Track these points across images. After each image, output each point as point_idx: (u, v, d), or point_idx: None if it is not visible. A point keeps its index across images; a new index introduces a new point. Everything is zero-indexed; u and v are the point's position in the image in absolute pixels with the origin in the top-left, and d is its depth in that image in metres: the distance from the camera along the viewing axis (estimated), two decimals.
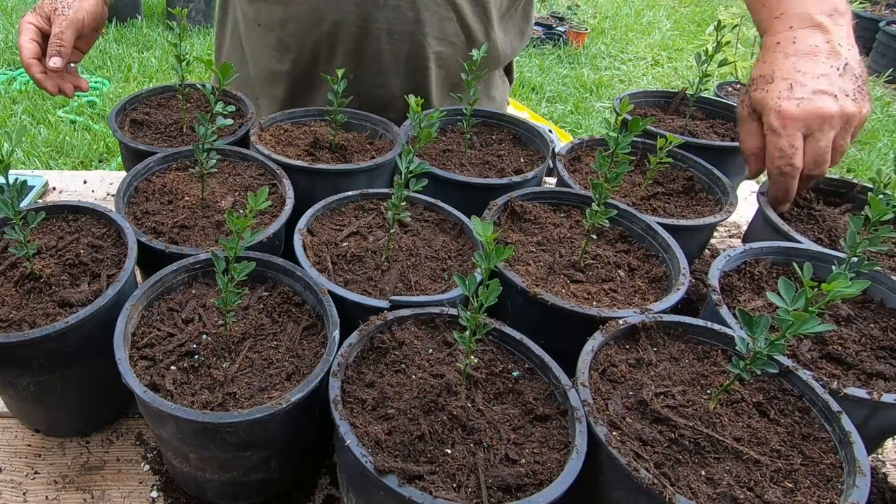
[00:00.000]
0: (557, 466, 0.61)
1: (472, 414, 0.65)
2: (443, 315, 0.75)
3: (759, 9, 0.93)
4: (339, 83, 1.01)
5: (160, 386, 0.67)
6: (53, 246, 0.83)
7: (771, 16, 0.90)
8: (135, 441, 0.85)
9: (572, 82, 4.87)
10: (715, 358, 0.73)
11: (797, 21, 0.87)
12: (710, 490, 0.59)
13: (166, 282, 0.78)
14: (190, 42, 4.86)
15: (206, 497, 0.77)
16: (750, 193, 1.41)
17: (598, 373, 0.70)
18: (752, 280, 0.86)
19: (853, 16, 0.90)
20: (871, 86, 5.00)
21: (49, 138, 3.55)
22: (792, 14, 0.88)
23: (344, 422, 0.61)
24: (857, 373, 0.75)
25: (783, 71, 0.86)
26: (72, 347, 0.73)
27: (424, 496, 0.56)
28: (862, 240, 0.75)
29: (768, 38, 0.90)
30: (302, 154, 1.04)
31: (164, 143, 1.07)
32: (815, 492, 0.60)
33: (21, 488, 0.79)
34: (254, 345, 0.74)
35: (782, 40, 0.88)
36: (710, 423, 0.65)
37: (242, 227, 0.68)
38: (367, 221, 0.93)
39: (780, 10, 0.89)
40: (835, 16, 0.87)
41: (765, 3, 0.92)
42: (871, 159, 4.00)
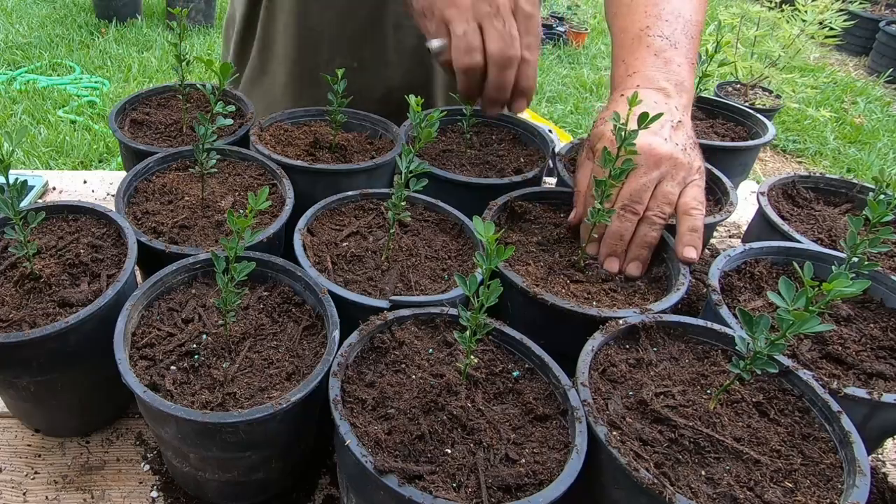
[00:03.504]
0: (557, 466, 0.61)
1: (472, 414, 0.65)
2: (443, 315, 0.75)
3: (619, 64, 0.98)
4: (339, 83, 1.01)
5: (160, 386, 0.67)
6: (53, 246, 0.83)
7: (625, 73, 0.94)
8: (135, 441, 0.85)
9: (572, 82, 4.88)
10: (715, 358, 0.73)
11: (645, 82, 0.91)
12: (710, 490, 0.59)
13: (166, 282, 0.78)
14: (190, 42, 4.86)
15: (206, 497, 0.77)
16: (750, 193, 1.41)
17: (598, 373, 0.70)
18: (752, 280, 0.86)
19: (852, 16, 0.90)
20: (872, 86, 5.00)
21: (49, 138, 3.55)
22: (643, 75, 0.92)
23: (344, 422, 0.61)
24: (858, 373, 0.75)
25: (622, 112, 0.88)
26: (72, 347, 0.73)
27: (424, 496, 0.56)
28: (862, 240, 0.75)
29: (616, 92, 0.94)
30: (302, 154, 1.04)
31: (164, 143, 1.06)
32: (815, 492, 0.60)
33: (21, 488, 0.79)
34: (254, 345, 0.74)
35: (626, 93, 0.90)
36: (710, 422, 0.65)
37: (243, 227, 0.68)
38: (367, 221, 0.93)
39: (634, 69, 0.94)
40: (679, 87, 0.91)
41: (624, 60, 0.96)
42: (872, 159, 4.00)
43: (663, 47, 0.94)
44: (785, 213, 1.00)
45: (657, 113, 0.83)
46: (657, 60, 0.93)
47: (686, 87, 0.93)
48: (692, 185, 0.87)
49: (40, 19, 5.11)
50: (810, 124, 4.35)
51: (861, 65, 5.56)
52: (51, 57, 4.52)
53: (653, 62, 0.93)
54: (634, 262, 0.86)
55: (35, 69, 4.38)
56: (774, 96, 3.89)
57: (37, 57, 4.53)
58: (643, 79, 0.91)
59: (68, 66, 4.44)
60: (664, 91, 0.90)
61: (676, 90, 0.91)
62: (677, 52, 0.94)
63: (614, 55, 1.00)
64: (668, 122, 0.86)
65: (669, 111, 0.88)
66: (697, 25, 0.99)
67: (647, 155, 0.84)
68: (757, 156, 1.21)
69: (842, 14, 3.61)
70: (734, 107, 1.26)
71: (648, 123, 0.78)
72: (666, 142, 0.85)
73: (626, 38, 0.98)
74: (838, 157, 4.10)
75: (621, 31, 1.00)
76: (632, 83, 0.92)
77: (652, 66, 0.92)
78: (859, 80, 5.19)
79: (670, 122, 0.87)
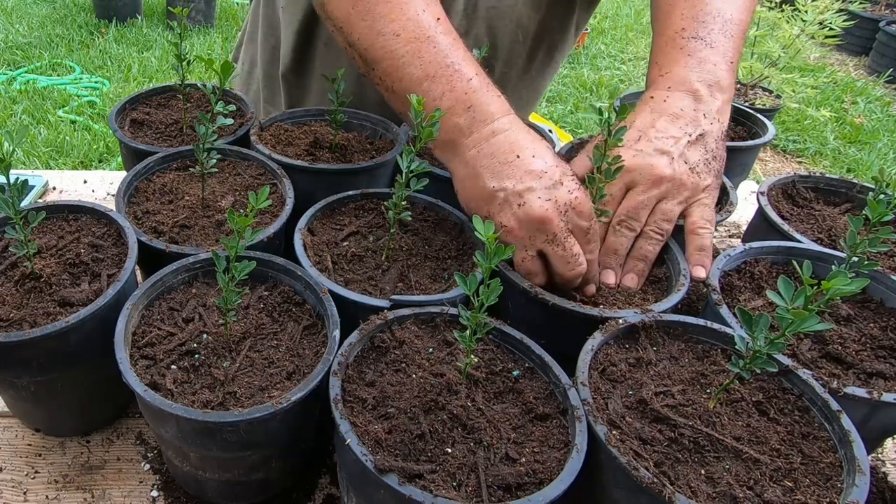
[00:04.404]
0: (557, 465, 0.61)
1: (472, 413, 0.65)
2: (443, 314, 0.76)
3: (652, 66, 0.96)
4: (339, 83, 1.01)
5: (161, 385, 0.67)
6: (54, 245, 0.83)
7: (658, 73, 0.92)
8: (135, 440, 0.85)
9: (572, 82, 4.88)
10: (715, 357, 0.73)
11: (676, 83, 0.89)
12: (709, 489, 0.59)
13: (167, 281, 0.79)
14: (190, 42, 4.86)
15: (206, 496, 0.78)
16: (750, 193, 1.41)
17: (598, 372, 0.70)
18: (752, 280, 0.86)
19: (852, 16, 0.90)
20: (872, 86, 5.00)
21: (49, 138, 3.55)
22: (674, 76, 0.89)
23: (344, 421, 0.61)
24: (857, 372, 0.75)
25: (641, 123, 0.87)
26: (72, 347, 0.73)
27: (425, 495, 0.56)
28: (862, 240, 0.76)
29: (647, 93, 0.92)
30: (302, 154, 1.04)
31: (164, 142, 1.07)
32: (815, 491, 0.60)
33: (21, 487, 0.79)
34: (254, 344, 0.74)
35: (656, 96, 0.88)
36: (710, 422, 0.65)
37: (243, 226, 0.68)
38: (368, 221, 0.93)
39: (667, 69, 0.91)
40: (713, 88, 0.89)
41: (657, 61, 0.95)
42: (872, 159, 4.00)
43: (697, 48, 0.91)
44: (785, 212, 1.01)
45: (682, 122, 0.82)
46: (690, 60, 0.90)
47: (723, 86, 0.90)
48: (698, 203, 0.86)
49: (40, 19, 5.11)
50: (810, 124, 4.35)
51: (861, 65, 5.56)
52: (51, 57, 4.52)
53: (685, 62, 0.90)
54: (630, 275, 0.86)
55: (35, 69, 4.38)
56: (774, 96, 3.89)
57: (37, 57, 4.53)
58: (675, 80, 0.89)
59: (68, 66, 4.44)
60: (696, 94, 0.88)
61: (710, 91, 0.88)
62: (713, 52, 0.91)
63: (650, 58, 0.98)
64: (684, 137, 0.84)
65: (695, 120, 0.86)
66: (740, 25, 0.95)
67: (647, 174, 0.83)
68: (757, 156, 1.21)
69: (842, 14, 3.61)
70: (734, 107, 1.26)
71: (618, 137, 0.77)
72: (672, 162, 0.83)
73: (660, 41, 0.96)
74: (838, 157, 4.10)
75: (658, 34, 0.98)
76: (663, 84, 0.90)
77: (685, 66, 0.90)
78: (859, 80, 5.19)
79: (688, 137, 0.85)
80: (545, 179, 0.78)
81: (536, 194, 0.77)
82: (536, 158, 0.79)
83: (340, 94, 1.02)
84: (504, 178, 0.79)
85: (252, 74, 1.38)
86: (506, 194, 0.78)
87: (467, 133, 0.82)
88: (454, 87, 0.83)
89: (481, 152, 0.81)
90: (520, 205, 0.78)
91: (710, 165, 0.87)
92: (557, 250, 0.78)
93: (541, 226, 0.77)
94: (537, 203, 0.77)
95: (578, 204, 0.79)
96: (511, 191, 0.78)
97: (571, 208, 0.78)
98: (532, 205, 0.77)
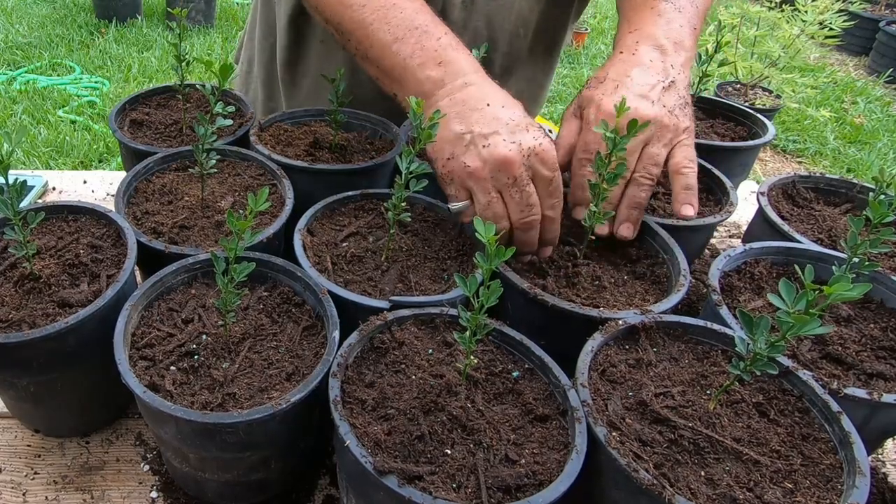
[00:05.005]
0: (557, 467, 0.61)
1: (471, 414, 0.65)
2: (443, 315, 0.75)
3: (623, 23, 1.00)
4: (339, 82, 1.01)
5: (160, 386, 0.67)
6: (53, 246, 0.83)
7: (626, 30, 0.96)
8: (134, 441, 0.85)
9: (572, 82, 4.88)
10: (715, 358, 0.73)
11: (644, 39, 0.93)
12: (709, 490, 0.59)
13: (166, 282, 0.78)
14: (190, 42, 4.86)
15: (205, 497, 0.77)
16: (750, 193, 1.41)
17: (598, 373, 0.70)
18: (752, 280, 0.86)
19: (852, 16, 0.91)
20: (872, 86, 5.00)
21: (49, 138, 3.55)
22: (643, 32, 0.94)
23: (344, 422, 0.61)
24: (858, 373, 0.75)
25: (615, 74, 0.89)
26: (71, 348, 0.73)
27: (424, 496, 0.56)
28: (862, 241, 0.75)
29: (616, 50, 0.96)
30: (302, 154, 1.04)
31: (164, 143, 1.06)
32: (815, 492, 0.60)
33: (21, 488, 0.79)
34: (253, 345, 0.74)
35: (625, 51, 0.92)
36: (710, 423, 0.65)
37: (242, 227, 0.68)
38: (367, 221, 0.93)
39: (636, 26, 0.96)
40: (678, 45, 0.93)
41: (628, 19, 0.99)
42: (872, 159, 4.00)
43: (666, 10, 0.96)
44: (785, 213, 1.00)
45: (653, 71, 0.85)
46: (659, 20, 0.95)
47: (686, 46, 0.94)
48: (680, 145, 0.88)
49: (40, 19, 5.11)
50: (810, 124, 4.35)
51: (861, 65, 5.56)
52: (51, 57, 4.52)
53: (654, 21, 0.95)
54: (626, 224, 0.87)
55: (35, 69, 4.37)
56: (774, 96, 3.88)
57: (37, 57, 4.53)
58: (643, 36, 0.93)
59: (68, 66, 4.44)
60: (662, 48, 0.92)
61: (675, 48, 0.92)
62: (680, 16, 0.96)
63: (619, 18, 1.02)
64: (659, 84, 0.87)
65: (665, 70, 0.89)
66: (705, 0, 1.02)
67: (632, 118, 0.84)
68: (757, 156, 1.21)
69: (842, 14, 3.61)
70: (734, 107, 1.26)
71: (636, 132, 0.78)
72: (653, 105, 0.86)
73: (632, 4, 1.00)
74: (838, 157, 4.10)
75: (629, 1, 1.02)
76: (632, 39, 0.94)
77: (652, 24, 0.94)
78: (859, 80, 5.19)
79: (662, 84, 0.88)
80: (511, 125, 0.81)
81: (502, 137, 0.80)
82: (506, 108, 0.82)
83: (339, 94, 1.02)
84: (472, 123, 0.81)
85: (251, 74, 1.38)
86: (472, 136, 0.81)
87: (440, 84, 0.85)
88: (424, 45, 0.87)
89: (453, 100, 0.84)
90: (485, 146, 0.80)
91: (685, 110, 0.90)
92: (515, 195, 0.80)
93: (503, 167, 0.79)
94: (502, 144, 0.79)
95: (542, 151, 0.80)
96: (478, 133, 0.81)
97: (535, 154, 0.80)
98: (497, 146, 0.79)
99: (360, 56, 0.93)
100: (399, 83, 0.89)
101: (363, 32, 0.90)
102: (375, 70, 0.92)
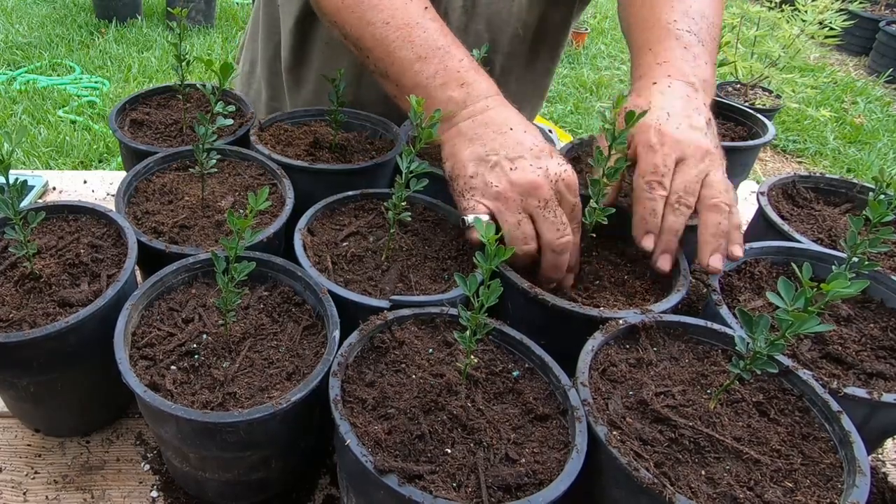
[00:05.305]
0: (557, 466, 0.61)
1: (472, 413, 0.65)
2: (443, 315, 0.75)
3: (644, 52, 0.96)
4: (339, 82, 1.01)
5: (160, 386, 0.67)
6: (53, 246, 0.83)
7: (653, 61, 0.94)
8: (135, 441, 0.85)
9: (572, 82, 4.88)
10: (715, 358, 0.73)
11: (676, 74, 0.91)
12: (710, 490, 0.59)
13: (166, 281, 0.79)
14: (190, 42, 4.86)
15: (206, 496, 0.77)
16: (750, 193, 1.41)
17: (599, 372, 0.70)
18: (752, 280, 0.86)
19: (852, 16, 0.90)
20: (872, 86, 5.00)
21: (49, 138, 3.55)
22: (673, 66, 0.92)
23: (344, 421, 0.61)
24: (857, 372, 0.75)
25: (660, 103, 0.87)
26: (72, 347, 0.73)
27: (424, 496, 0.56)
28: (862, 240, 0.75)
29: (645, 80, 0.93)
30: (302, 154, 1.04)
31: (164, 143, 1.06)
32: (815, 491, 0.60)
33: (21, 488, 0.79)
34: (254, 344, 0.74)
35: (659, 83, 0.90)
36: (710, 422, 0.65)
37: (243, 226, 0.68)
38: (368, 221, 0.93)
39: (665, 59, 0.93)
40: (705, 84, 0.92)
41: (651, 48, 0.96)
42: (872, 159, 4.00)
43: (692, 42, 0.94)
44: (785, 213, 1.00)
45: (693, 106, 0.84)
46: (686, 53, 0.92)
47: (709, 85, 0.93)
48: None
49: (40, 19, 5.11)
50: (810, 124, 4.35)
51: (861, 65, 5.56)
52: (51, 57, 4.52)
53: (682, 54, 0.92)
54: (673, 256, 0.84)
55: (35, 69, 4.37)
56: (774, 96, 3.89)
57: (37, 57, 4.53)
58: (674, 70, 0.91)
59: (68, 66, 4.44)
60: (693, 86, 0.90)
61: (703, 86, 0.91)
62: (703, 50, 0.94)
63: (639, 43, 0.99)
64: (702, 118, 0.87)
65: (699, 107, 0.88)
66: (718, 28, 1.00)
67: (695, 148, 0.84)
68: (757, 156, 1.21)
69: (842, 14, 3.61)
70: (734, 107, 1.26)
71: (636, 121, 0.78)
72: (705, 136, 0.85)
73: (651, 30, 0.97)
74: (838, 157, 4.10)
75: (645, 22, 0.99)
76: (662, 72, 0.92)
77: (682, 59, 0.92)
78: (859, 80, 5.19)
79: (704, 118, 0.87)
80: (535, 151, 0.81)
81: (528, 162, 0.81)
82: (527, 134, 0.83)
83: (340, 94, 1.02)
84: (498, 147, 0.82)
85: (252, 74, 1.38)
86: (498, 158, 0.81)
87: (462, 105, 0.85)
88: (447, 65, 0.87)
89: (476, 121, 0.84)
90: (512, 169, 0.80)
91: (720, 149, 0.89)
92: (548, 215, 0.80)
93: (533, 190, 0.79)
94: (529, 169, 0.80)
95: (568, 177, 0.81)
96: (503, 156, 0.81)
97: (561, 179, 0.81)
98: (525, 170, 0.80)
99: (380, 73, 0.92)
100: None
101: (384, 50, 0.89)
102: (394, 88, 0.91)
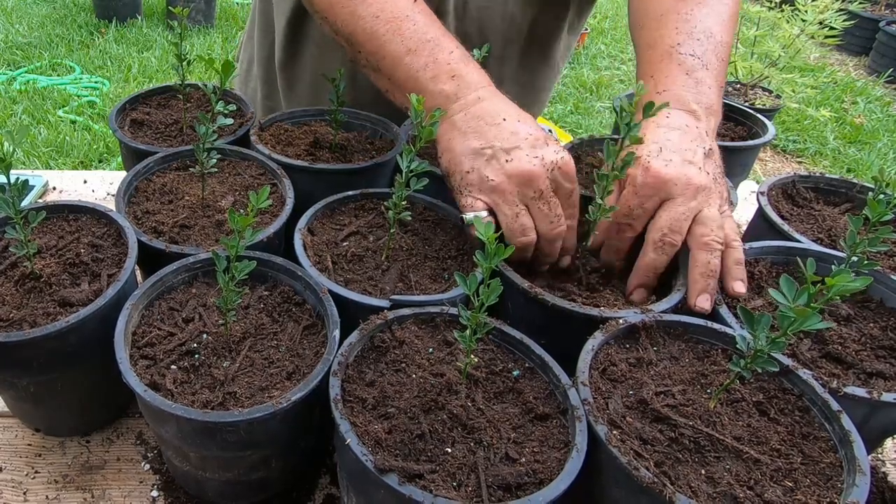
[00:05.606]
0: (557, 465, 0.61)
1: (472, 413, 0.65)
2: (443, 314, 0.76)
3: (646, 80, 0.93)
4: (339, 82, 1.01)
5: (161, 385, 0.67)
6: (54, 245, 0.83)
7: (654, 90, 0.91)
8: (135, 440, 0.85)
9: (572, 82, 4.88)
10: (715, 357, 0.73)
11: (675, 102, 0.88)
12: (710, 489, 0.59)
13: (167, 281, 0.79)
14: (190, 42, 4.86)
15: (206, 496, 0.78)
16: (750, 193, 1.41)
17: (599, 372, 0.70)
18: (752, 279, 0.86)
19: (852, 16, 0.89)
20: (872, 86, 5.00)
21: (49, 138, 3.55)
22: (673, 94, 0.89)
23: (344, 421, 0.61)
24: (857, 372, 0.75)
25: (654, 137, 0.84)
26: (72, 347, 0.73)
27: (425, 495, 0.56)
28: (862, 240, 0.76)
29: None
30: (302, 154, 1.04)
31: (164, 142, 1.07)
32: (815, 491, 0.60)
33: (21, 487, 0.79)
34: (254, 344, 0.74)
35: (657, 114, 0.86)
36: (711, 422, 0.65)
37: (243, 225, 0.68)
38: (368, 221, 0.93)
39: (664, 87, 0.90)
40: (708, 111, 0.89)
41: (652, 76, 0.93)
42: (872, 159, 4.00)
43: (694, 67, 0.90)
44: (785, 212, 1.00)
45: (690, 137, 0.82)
46: (688, 80, 0.89)
47: (714, 110, 0.90)
48: (725, 215, 0.84)
49: (40, 19, 5.11)
50: (810, 124, 4.35)
51: (861, 65, 5.56)
52: (51, 57, 4.52)
53: (683, 81, 0.89)
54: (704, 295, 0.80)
55: (35, 69, 4.38)
56: (774, 96, 3.89)
57: (37, 57, 4.53)
58: (674, 98, 0.88)
59: (68, 66, 4.44)
60: (694, 114, 0.87)
61: (706, 114, 0.88)
62: (708, 74, 0.90)
63: (640, 70, 0.97)
64: (699, 150, 0.83)
65: (700, 136, 0.85)
66: (726, 47, 0.96)
67: (685, 185, 0.80)
68: (757, 156, 1.21)
69: (842, 14, 3.61)
70: (734, 107, 1.26)
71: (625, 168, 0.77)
72: (700, 171, 0.82)
73: (654, 54, 0.94)
74: (838, 157, 4.10)
75: (649, 46, 0.97)
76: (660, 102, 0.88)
77: (683, 86, 0.89)
78: (859, 80, 5.19)
79: (702, 150, 0.84)
80: (531, 140, 0.81)
81: (524, 152, 0.80)
82: (521, 123, 0.82)
83: (339, 94, 1.02)
84: (492, 139, 0.81)
85: (250, 73, 1.38)
86: (493, 150, 0.81)
87: (454, 98, 0.85)
88: (437, 58, 0.86)
89: (468, 114, 0.84)
90: (507, 160, 0.80)
91: (722, 179, 0.87)
92: (543, 208, 0.80)
93: (529, 181, 0.79)
94: (525, 159, 0.79)
95: (564, 164, 0.81)
96: (499, 148, 0.81)
97: (557, 168, 0.80)
98: (521, 161, 0.79)
99: (371, 68, 0.92)
100: None
101: (375, 44, 0.89)
102: (386, 82, 0.91)
